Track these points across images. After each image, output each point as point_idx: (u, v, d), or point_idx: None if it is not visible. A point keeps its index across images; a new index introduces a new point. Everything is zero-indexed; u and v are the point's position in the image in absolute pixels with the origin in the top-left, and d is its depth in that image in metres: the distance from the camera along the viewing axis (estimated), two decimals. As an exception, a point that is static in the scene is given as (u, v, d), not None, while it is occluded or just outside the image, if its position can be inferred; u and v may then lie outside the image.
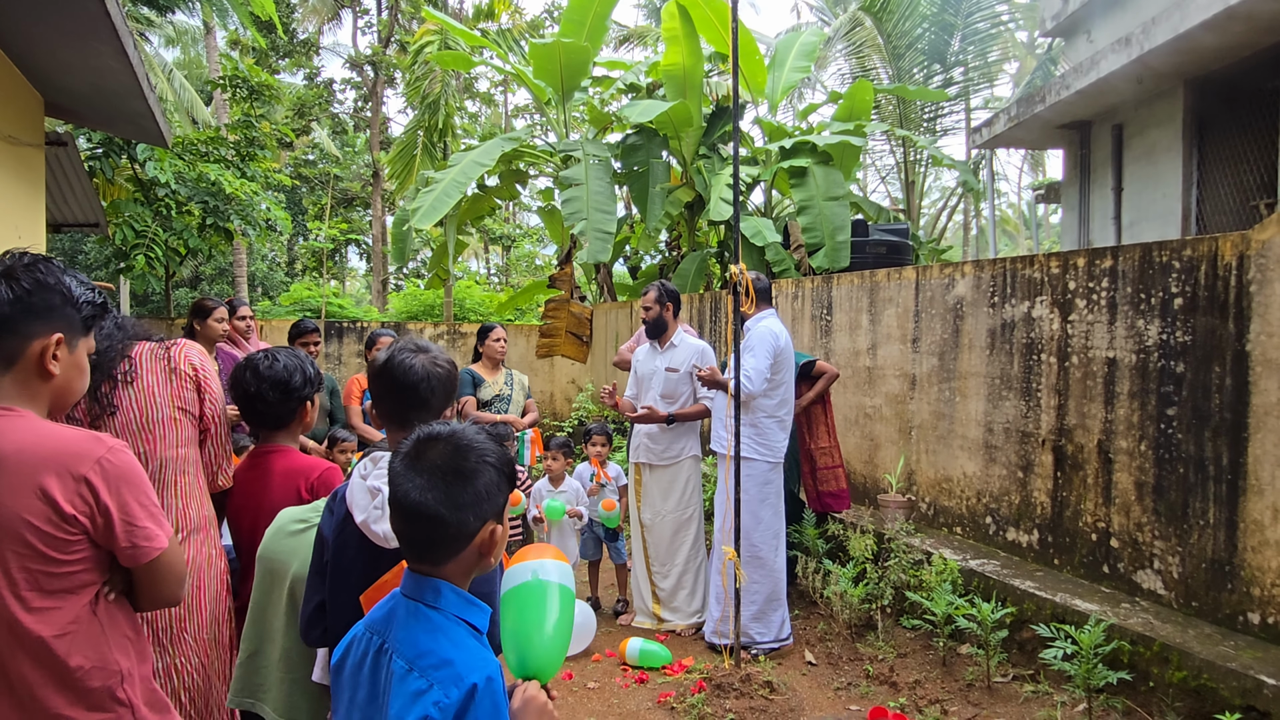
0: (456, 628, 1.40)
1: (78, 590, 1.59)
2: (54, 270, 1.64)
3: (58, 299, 1.63)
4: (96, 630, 1.61)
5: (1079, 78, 7.55)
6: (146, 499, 1.65)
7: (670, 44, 9.65)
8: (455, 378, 2.01)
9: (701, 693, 4.08)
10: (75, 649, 1.58)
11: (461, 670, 1.32)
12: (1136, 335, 4.11)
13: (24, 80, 5.91)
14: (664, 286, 5.18)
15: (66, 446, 1.57)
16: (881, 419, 6.06)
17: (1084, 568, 4.39)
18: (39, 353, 1.61)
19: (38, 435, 1.57)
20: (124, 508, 1.60)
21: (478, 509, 1.41)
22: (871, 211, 11.07)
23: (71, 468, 1.55)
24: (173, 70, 17.75)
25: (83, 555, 1.59)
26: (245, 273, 18.47)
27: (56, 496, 1.53)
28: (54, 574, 1.56)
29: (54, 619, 1.56)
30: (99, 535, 1.59)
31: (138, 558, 1.63)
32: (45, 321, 1.62)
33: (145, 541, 1.63)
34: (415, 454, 1.43)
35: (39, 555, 1.54)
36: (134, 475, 1.63)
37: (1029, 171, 26.80)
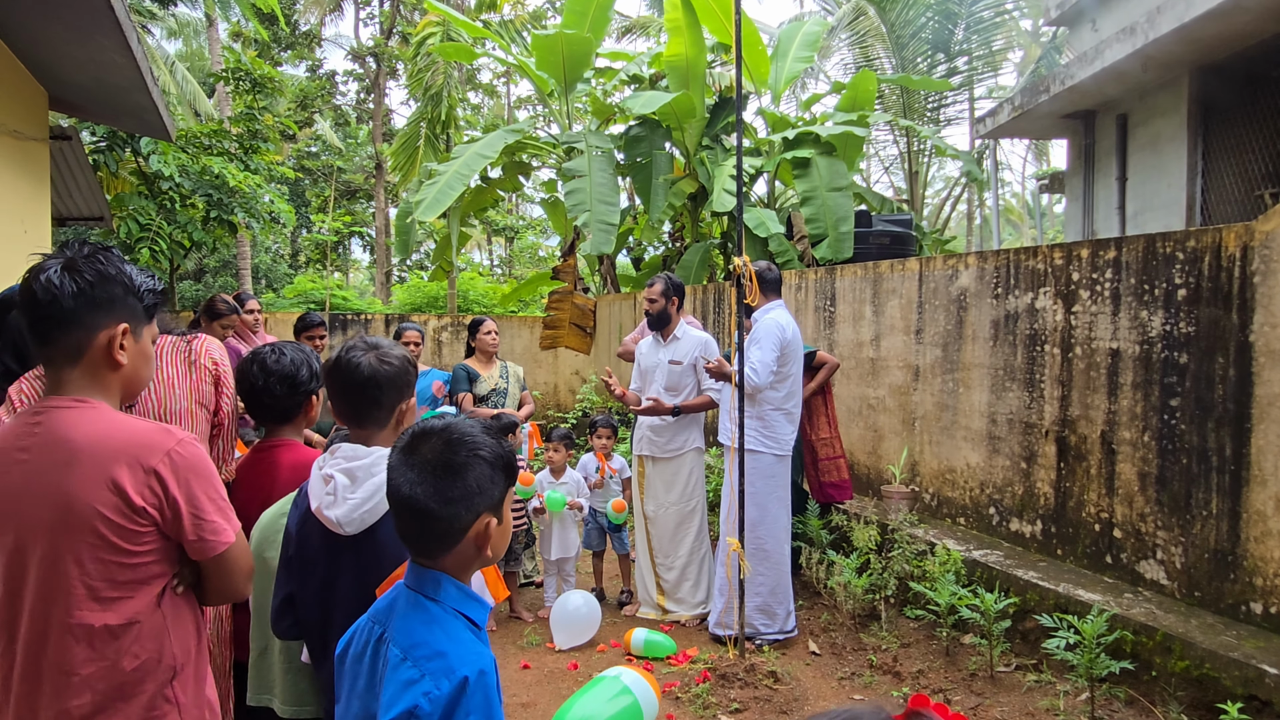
0: (454, 620, 1.42)
1: (148, 582, 1.60)
2: (114, 260, 1.64)
3: (120, 289, 1.62)
4: (160, 623, 1.62)
5: (1083, 67, 7.52)
6: (215, 492, 1.65)
7: (673, 35, 9.64)
8: (406, 374, 1.99)
9: (706, 683, 4.10)
10: (137, 641, 1.58)
11: (454, 663, 1.33)
12: (1140, 326, 4.11)
13: (28, 75, 5.92)
14: (670, 279, 5.18)
15: (137, 438, 1.57)
16: (885, 410, 6.07)
17: (1087, 558, 4.40)
18: (106, 344, 1.61)
19: (109, 426, 1.58)
20: (192, 500, 1.60)
21: (469, 503, 1.41)
22: (875, 202, 11.05)
23: (142, 459, 1.55)
24: (175, 62, 17.72)
25: (152, 547, 1.59)
26: (249, 265, 18.47)
27: (127, 488, 1.53)
28: (125, 565, 1.56)
29: (122, 609, 1.57)
30: (168, 527, 1.59)
31: (205, 551, 1.64)
32: (110, 313, 1.61)
33: (212, 535, 1.63)
34: (409, 448, 1.45)
35: (111, 546, 1.54)
36: (203, 468, 1.63)
37: (1033, 161, 26.73)
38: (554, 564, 5.33)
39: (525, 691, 4.19)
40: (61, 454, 1.55)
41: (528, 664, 4.54)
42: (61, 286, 1.57)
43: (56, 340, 1.60)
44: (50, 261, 1.60)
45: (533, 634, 4.92)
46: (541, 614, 5.23)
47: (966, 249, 21.45)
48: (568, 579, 5.35)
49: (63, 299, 1.57)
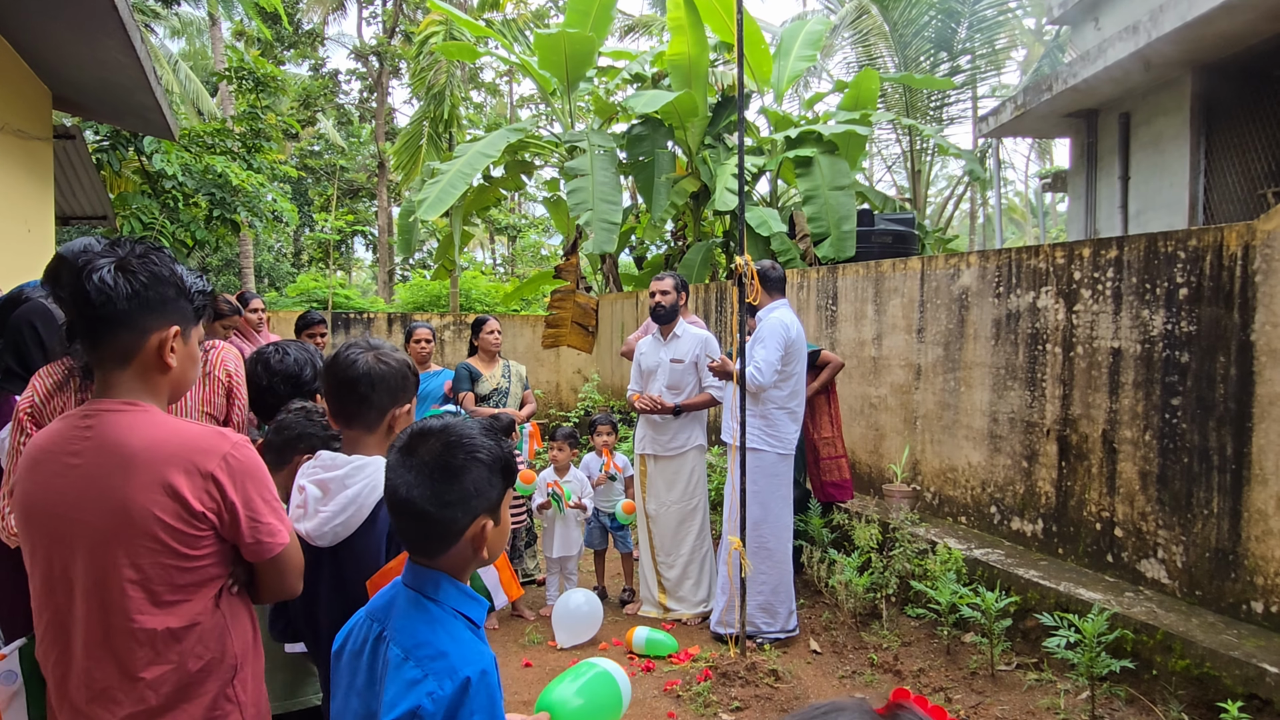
0: (454, 620, 1.42)
1: (206, 584, 1.59)
2: (166, 260, 1.61)
3: (173, 290, 1.60)
4: (220, 623, 1.62)
5: (1086, 66, 7.52)
6: (270, 494, 1.64)
7: (675, 34, 9.65)
8: (403, 378, 1.97)
9: (707, 681, 4.11)
10: (200, 641, 1.58)
11: (456, 663, 1.33)
12: (1141, 325, 4.11)
13: (32, 74, 5.94)
14: (679, 276, 5.24)
15: (193, 442, 1.56)
16: (886, 409, 6.07)
17: (1088, 557, 4.40)
18: (157, 346, 1.59)
19: (164, 431, 1.56)
20: (249, 503, 1.59)
21: (465, 505, 1.41)
22: (877, 201, 11.06)
23: (199, 464, 1.54)
24: (178, 61, 17.75)
25: (210, 550, 1.58)
26: (252, 264, 18.49)
27: (185, 493, 1.52)
28: (184, 568, 1.55)
29: (182, 612, 1.56)
30: (225, 530, 1.59)
31: (261, 553, 1.63)
32: (162, 315, 1.59)
33: (269, 537, 1.62)
34: (407, 448, 1.44)
35: (170, 551, 1.53)
36: (258, 471, 1.62)
37: (1036, 160, 26.70)
38: (556, 562, 5.34)
39: (527, 689, 4.20)
40: (116, 459, 1.53)
41: (529, 662, 4.55)
42: (115, 287, 1.54)
43: (108, 342, 1.57)
44: (102, 260, 1.56)
45: (534, 632, 4.93)
46: (543, 612, 5.24)
47: (969, 248, 21.45)
48: (570, 577, 5.36)
49: (117, 300, 1.54)
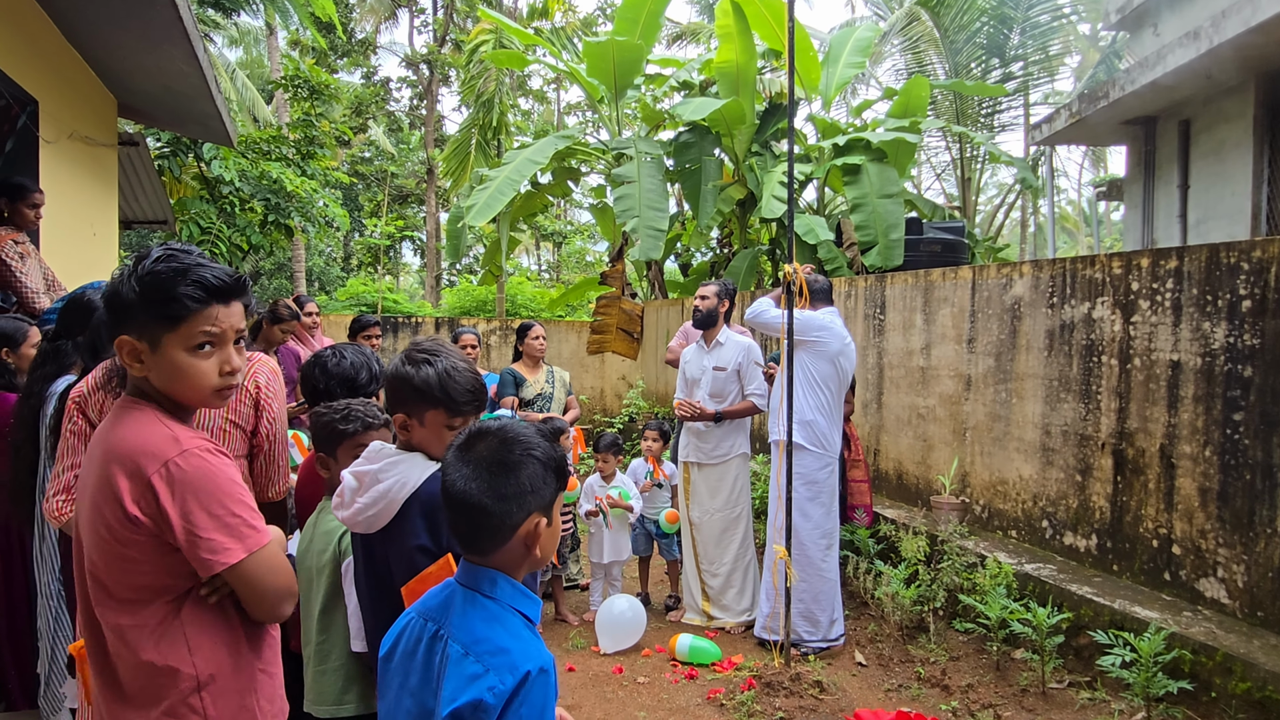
0: (512, 617, 1.45)
1: (159, 590, 1.57)
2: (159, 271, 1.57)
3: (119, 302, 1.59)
4: (177, 632, 1.57)
5: (1145, 72, 7.36)
6: (220, 508, 1.55)
7: (724, 41, 9.64)
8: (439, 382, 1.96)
9: (751, 690, 4.09)
10: (154, 645, 1.56)
11: (517, 659, 1.36)
12: (1202, 338, 4.01)
13: (99, 83, 6.14)
14: (726, 284, 5.23)
15: (143, 446, 1.54)
16: (935, 420, 5.99)
17: (1144, 574, 4.30)
18: (120, 352, 1.61)
19: (132, 430, 1.57)
20: (187, 515, 1.52)
21: (521, 500, 1.44)
22: (926, 209, 10.93)
23: (142, 467, 1.52)
24: (235, 70, 18.19)
25: (149, 557, 1.54)
26: (304, 268, 18.87)
27: (124, 495, 1.52)
28: (129, 569, 1.55)
29: (137, 613, 1.56)
30: (169, 539, 1.53)
31: (205, 568, 1.55)
32: (116, 324, 1.60)
33: (209, 554, 1.53)
34: (464, 446, 1.49)
35: (112, 549, 1.55)
36: (203, 482, 1.54)
37: (1089, 168, 26.18)
38: (601, 568, 5.35)
39: (570, 694, 4.22)
40: (98, 450, 1.60)
41: (573, 666, 4.57)
42: (110, 293, 1.62)
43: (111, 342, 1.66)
44: (126, 266, 1.63)
45: (578, 637, 4.95)
46: (587, 617, 5.26)
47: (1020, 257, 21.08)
48: (614, 583, 5.38)
49: (112, 302, 1.61)
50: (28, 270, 4.38)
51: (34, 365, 3.09)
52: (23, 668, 3.38)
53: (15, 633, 3.39)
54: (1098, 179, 19.64)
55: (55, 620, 2.98)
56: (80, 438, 2.37)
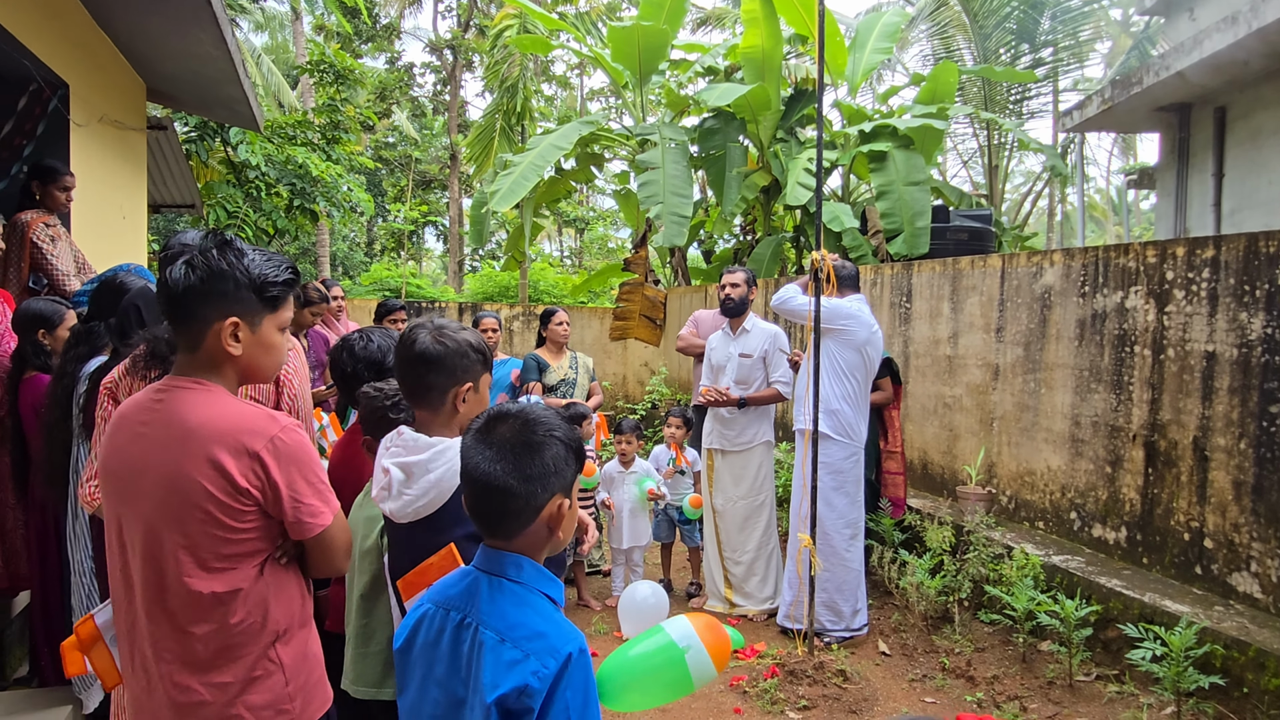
0: (541, 600, 1.44)
1: (250, 555, 1.68)
2: (232, 254, 1.70)
3: (231, 284, 1.68)
4: (263, 591, 1.70)
5: (1180, 58, 7.23)
6: (315, 477, 1.72)
7: (749, 26, 9.56)
8: (463, 356, 1.99)
9: (774, 678, 4.08)
10: (242, 606, 1.67)
11: (556, 642, 1.37)
12: (1239, 329, 3.94)
13: (128, 67, 6.17)
14: (749, 270, 5.22)
15: (243, 423, 1.66)
16: (961, 409, 5.94)
17: (1175, 568, 4.24)
18: (217, 335, 1.69)
19: (220, 410, 1.66)
20: (291, 484, 1.67)
21: (545, 482, 1.44)
22: (953, 197, 10.82)
23: (246, 444, 1.64)
24: (261, 55, 18.28)
25: (254, 524, 1.67)
26: (328, 253, 18.97)
27: (231, 470, 1.62)
28: (229, 539, 1.65)
29: (226, 578, 1.66)
30: (270, 507, 1.68)
31: (303, 531, 1.72)
32: (219, 307, 1.68)
33: (310, 517, 1.71)
34: (485, 429, 1.48)
35: (216, 522, 1.63)
36: (304, 454, 1.71)
37: (1119, 155, 25.78)
38: (622, 553, 5.36)
39: (593, 678, 4.22)
40: (176, 431, 1.65)
41: (596, 651, 4.57)
42: (178, 281, 1.66)
43: (178, 328, 1.72)
44: (180, 256, 1.69)
45: (600, 622, 4.96)
46: (609, 602, 5.27)
47: (1047, 246, 20.83)
48: (635, 569, 5.38)
49: (177, 292, 1.67)
50: (59, 253, 4.42)
51: (67, 346, 3.12)
52: (55, 644, 3.43)
53: (49, 610, 3.44)
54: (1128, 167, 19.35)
55: (88, 597, 3.02)
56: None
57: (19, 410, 3.47)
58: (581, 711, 1.36)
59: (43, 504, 3.42)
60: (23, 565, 3.57)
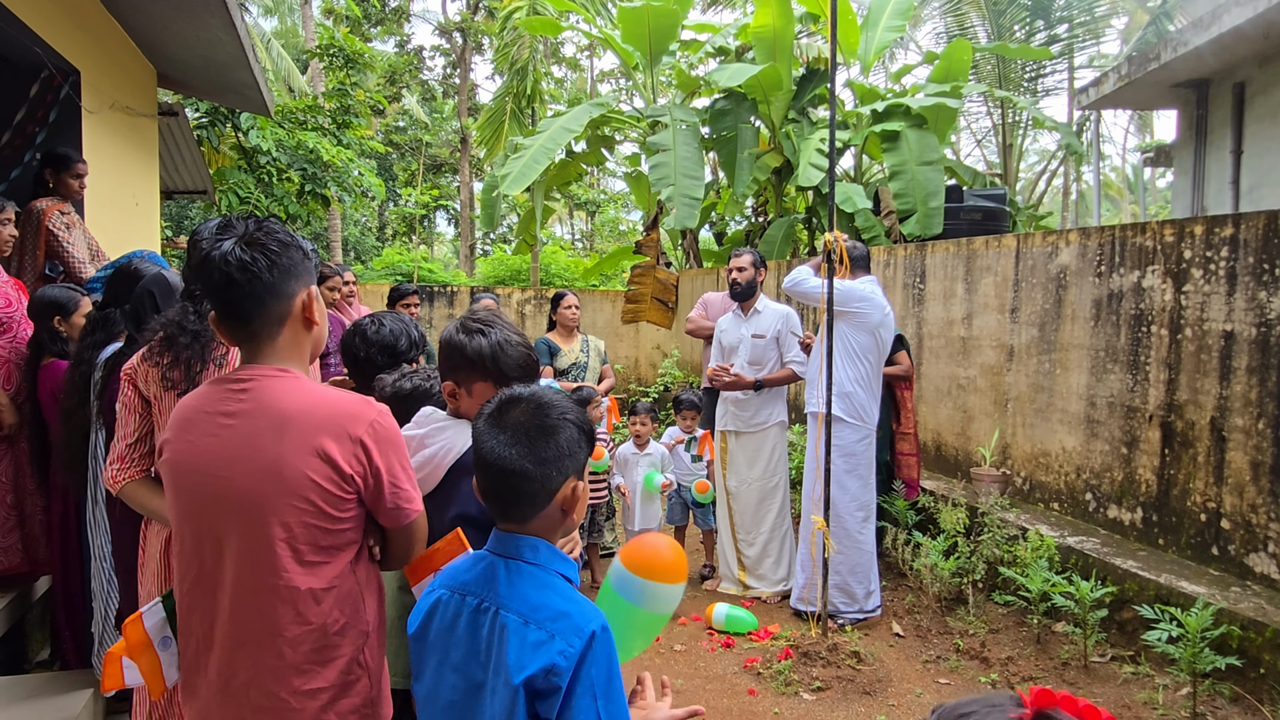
0: (558, 581, 1.46)
1: (345, 548, 1.64)
2: (280, 226, 1.67)
3: (299, 253, 1.65)
4: (355, 587, 1.65)
5: (1198, 33, 7.12)
6: (407, 463, 1.70)
7: (760, 5, 9.47)
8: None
9: (788, 660, 4.10)
10: (337, 604, 1.62)
11: (580, 621, 1.38)
12: (1258, 308, 3.90)
13: (139, 53, 6.17)
14: (757, 251, 5.18)
15: (343, 409, 1.61)
16: (975, 390, 5.91)
17: (1191, 549, 4.22)
18: (302, 307, 1.66)
19: (316, 397, 1.62)
20: (390, 470, 1.64)
21: (560, 464, 1.45)
22: (966, 176, 10.71)
23: (349, 429, 1.59)
24: (271, 40, 18.24)
25: (353, 514, 1.63)
26: (340, 238, 19.00)
27: (336, 457, 1.57)
28: (329, 530, 1.60)
29: (323, 573, 1.60)
30: (368, 495, 1.63)
31: (399, 519, 1.68)
32: (300, 278, 1.65)
33: (407, 503, 1.68)
34: (498, 413, 1.48)
35: (319, 512, 1.58)
36: (398, 439, 1.68)
37: (1135, 133, 25.48)
38: (636, 536, 5.36)
39: (608, 660, 4.25)
40: (272, 420, 1.58)
41: (610, 633, 4.60)
42: (256, 263, 1.58)
43: (260, 314, 1.62)
44: (227, 242, 1.60)
45: (614, 604, 4.98)
46: (623, 585, 5.29)
47: (1062, 225, 20.65)
48: (649, 552, 5.38)
49: (262, 274, 1.59)
50: (74, 240, 4.44)
51: (83, 333, 3.14)
52: (76, 628, 3.47)
53: (70, 594, 3.48)
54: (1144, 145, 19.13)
55: (108, 583, 3.05)
56: (131, 410, 2.39)
57: (38, 397, 3.50)
58: (606, 686, 1.37)
59: (63, 490, 3.45)
60: (43, 550, 3.61)
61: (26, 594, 3.70)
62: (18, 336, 3.59)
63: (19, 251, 4.35)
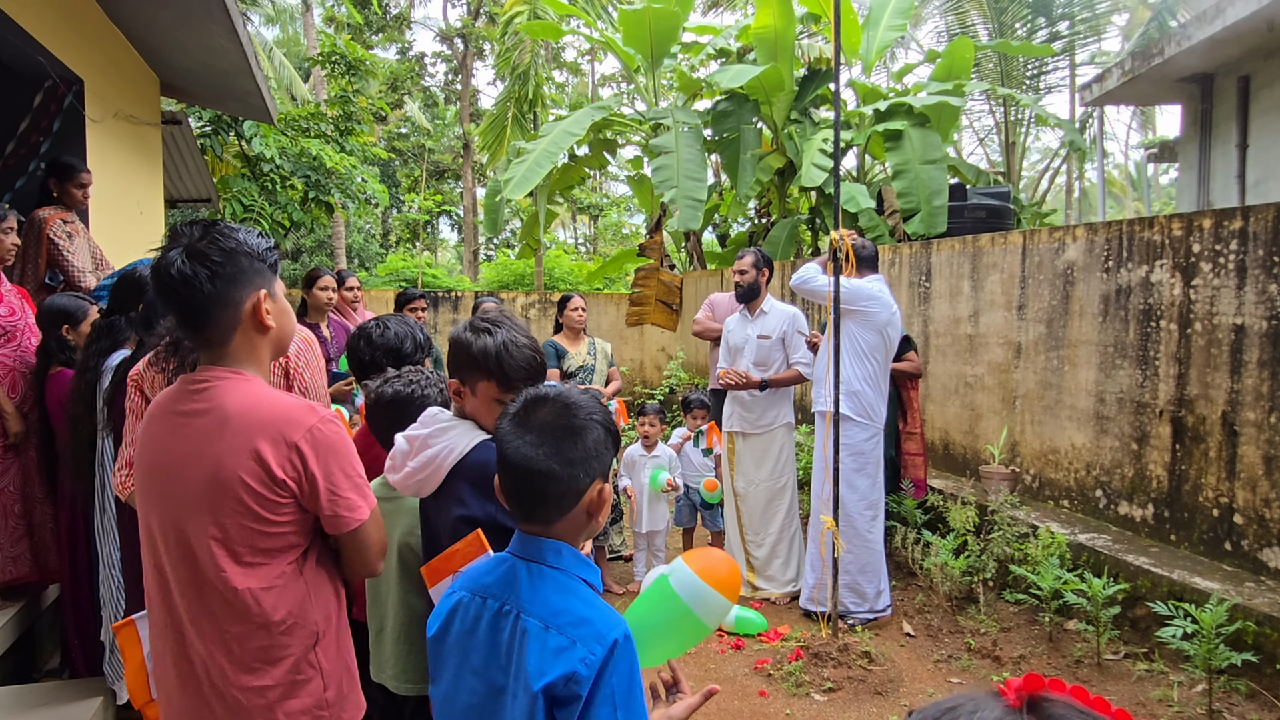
0: (581, 586, 1.43)
1: (287, 550, 1.65)
2: (229, 232, 1.65)
3: (245, 259, 1.65)
4: (301, 588, 1.66)
5: (1202, 27, 7.10)
6: (352, 470, 1.69)
7: (761, 6, 9.47)
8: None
9: (799, 661, 4.07)
10: (280, 604, 1.63)
11: (602, 628, 1.35)
12: (1268, 300, 3.87)
13: (142, 62, 6.18)
14: (760, 252, 5.15)
15: (282, 413, 1.62)
16: (983, 388, 5.89)
17: (1203, 544, 4.19)
18: (252, 313, 1.66)
19: (258, 400, 1.63)
20: (329, 476, 1.63)
21: (587, 466, 1.41)
22: (970, 174, 10.70)
23: (285, 434, 1.60)
24: (272, 48, 18.29)
25: (291, 517, 1.63)
26: (344, 245, 19.03)
27: (269, 460, 1.58)
28: (266, 532, 1.61)
29: (261, 573, 1.62)
30: (306, 500, 1.63)
31: (340, 525, 1.67)
32: (247, 284, 1.65)
33: (347, 511, 1.66)
34: (524, 412, 1.45)
35: (252, 513, 1.59)
36: (342, 446, 1.67)
37: (1138, 129, 25.43)
38: (644, 538, 5.35)
39: (618, 663, 4.23)
40: (214, 420, 1.61)
41: (619, 636, 4.58)
42: (197, 275, 1.59)
43: (207, 323, 1.64)
44: (172, 253, 1.62)
45: (623, 607, 4.95)
46: (631, 587, 5.27)
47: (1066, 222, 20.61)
48: (657, 554, 5.37)
49: (203, 286, 1.60)
50: (75, 249, 4.44)
51: (89, 341, 3.14)
52: (85, 636, 3.47)
53: (79, 602, 3.48)
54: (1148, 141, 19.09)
55: (118, 590, 3.05)
56: (138, 415, 2.39)
57: (45, 405, 3.50)
58: (627, 695, 1.34)
59: (71, 498, 3.45)
60: (52, 559, 3.61)
61: (36, 602, 3.70)
62: (22, 345, 3.59)
63: (20, 260, 4.35)
